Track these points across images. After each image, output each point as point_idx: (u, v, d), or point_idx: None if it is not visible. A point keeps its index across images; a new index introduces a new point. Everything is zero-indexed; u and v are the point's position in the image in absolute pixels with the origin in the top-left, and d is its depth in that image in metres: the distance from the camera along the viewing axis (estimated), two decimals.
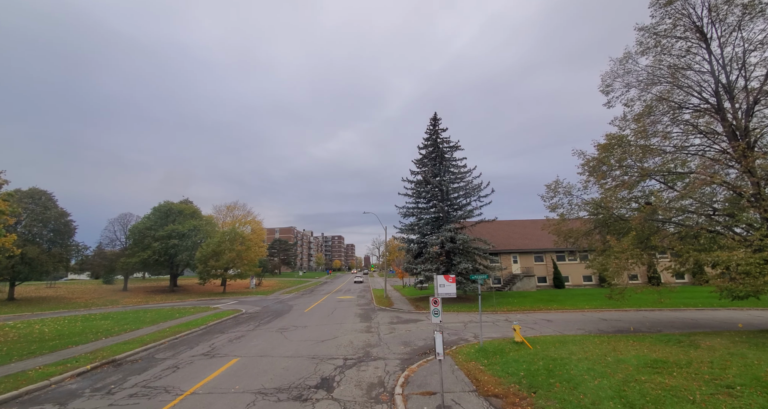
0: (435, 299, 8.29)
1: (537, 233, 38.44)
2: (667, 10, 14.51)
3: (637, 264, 14.78)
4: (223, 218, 57.81)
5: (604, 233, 17.01)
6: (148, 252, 41.34)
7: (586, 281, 37.10)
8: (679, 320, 17.73)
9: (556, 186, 17.76)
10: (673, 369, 8.61)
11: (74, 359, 11.86)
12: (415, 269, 27.03)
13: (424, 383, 8.95)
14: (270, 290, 47.93)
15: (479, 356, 11.00)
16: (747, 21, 13.46)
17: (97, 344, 14.29)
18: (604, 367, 8.91)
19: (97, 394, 8.89)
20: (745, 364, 8.84)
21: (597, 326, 16.63)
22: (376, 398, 8.28)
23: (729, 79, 14.10)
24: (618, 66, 15.97)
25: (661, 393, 7.13)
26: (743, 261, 11.02)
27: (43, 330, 17.49)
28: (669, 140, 15.03)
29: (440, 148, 29.60)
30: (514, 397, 7.71)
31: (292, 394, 8.54)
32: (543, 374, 8.76)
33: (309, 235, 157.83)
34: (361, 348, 13.23)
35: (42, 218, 34.30)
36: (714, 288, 13.11)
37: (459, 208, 28.93)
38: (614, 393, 7.23)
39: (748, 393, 6.97)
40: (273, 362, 11.44)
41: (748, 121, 13.58)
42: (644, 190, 15.95)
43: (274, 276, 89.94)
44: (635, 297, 18.47)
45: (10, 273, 31.83)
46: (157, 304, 32.42)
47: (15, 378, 9.77)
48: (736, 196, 13.37)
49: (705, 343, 11.48)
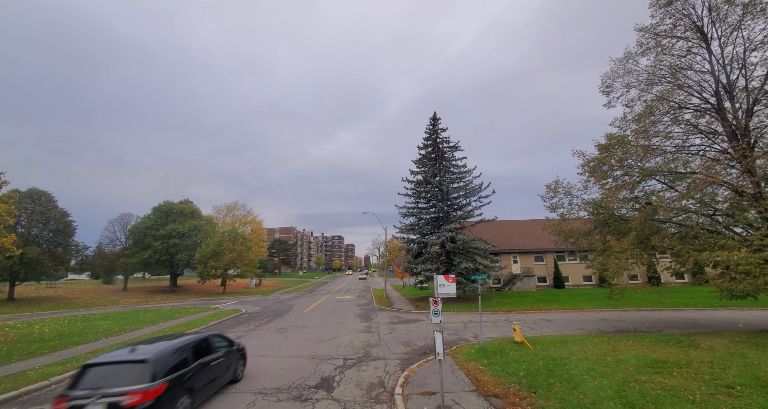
0: (435, 299, 8.29)
1: (537, 233, 38.43)
2: (668, 10, 14.50)
3: (638, 264, 14.78)
4: (223, 218, 57.82)
5: (604, 232, 17.01)
6: (149, 252, 41.35)
7: (586, 281, 37.10)
8: (679, 320, 17.73)
9: (556, 186, 17.76)
10: (673, 369, 8.61)
11: (74, 359, 11.87)
12: (415, 268, 27.02)
13: (424, 383, 8.95)
14: (270, 290, 47.94)
15: (479, 356, 11.00)
16: (748, 20, 13.44)
17: (97, 344, 14.29)
18: (604, 367, 8.91)
19: None
20: (745, 364, 8.85)
21: (597, 326, 16.63)
22: (376, 398, 8.28)
23: (729, 79, 14.09)
24: (618, 66, 15.96)
25: (661, 393, 7.13)
26: (743, 261, 11.02)
27: (43, 330, 17.50)
28: (670, 140, 15.03)
29: (440, 148, 29.58)
30: (514, 397, 7.71)
31: (292, 394, 8.54)
32: (543, 374, 8.76)
33: (309, 235, 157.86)
34: (361, 348, 13.23)
35: (42, 219, 34.31)
36: (714, 288, 13.11)
37: (459, 208, 28.92)
38: (614, 393, 7.23)
39: (748, 393, 6.97)
40: (273, 362, 11.45)
41: (748, 121, 13.57)
42: (645, 191, 15.95)
43: (274, 276, 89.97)
44: (635, 297, 18.46)
45: (9, 273, 31.83)
46: (157, 304, 32.43)
47: (15, 378, 9.78)
48: (736, 196, 13.37)
49: (705, 343, 11.48)
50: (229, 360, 9.01)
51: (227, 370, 8.87)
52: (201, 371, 7.69)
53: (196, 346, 7.99)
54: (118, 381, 6.19)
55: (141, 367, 6.43)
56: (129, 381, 6.18)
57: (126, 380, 6.20)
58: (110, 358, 6.78)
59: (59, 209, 36.42)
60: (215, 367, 8.29)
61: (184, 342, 7.76)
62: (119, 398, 5.90)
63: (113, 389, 6.03)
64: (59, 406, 5.86)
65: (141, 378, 6.24)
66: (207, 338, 8.69)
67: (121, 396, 5.91)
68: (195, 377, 7.42)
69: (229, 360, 9.05)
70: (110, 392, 5.96)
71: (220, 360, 8.58)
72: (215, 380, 8.27)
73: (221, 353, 8.78)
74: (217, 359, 8.43)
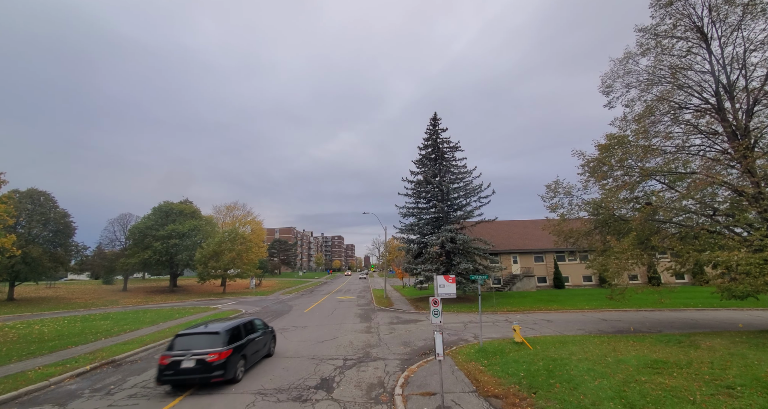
0: (435, 299, 8.27)
1: (537, 233, 38.42)
2: (668, 10, 14.50)
3: (638, 264, 14.77)
4: (223, 218, 57.82)
5: (604, 233, 17.00)
6: (148, 252, 41.31)
7: (586, 281, 37.08)
8: (679, 320, 17.72)
9: (556, 186, 17.74)
10: (674, 370, 8.60)
11: (74, 359, 11.86)
12: (415, 269, 27.01)
13: (424, 384, 8.94)
14: (270, 290, 47.92)
15: (479, 357, 10.99)
16: (748, 21, 13.44)
17: (96, 344, 14.28)
18: (604, 367, 8.90)
19: (96, 394, 8.88)
20: (746, 364, 8.83)
21: (597, 326, 16.62)
22: (375, 398, 8.26)
23: (729, 79, 14.09)
24: (618, 66, 15.96)
25: (662, 394, 7.11)
26: (743, 261, 11.01)
27: (43, 330, 17.48)
28: (670, 140, 15.01)
29: (440, 148, 29.57)
30: (514, 397, 7.69)
31: (292, 394, 8.53)
32: (543, 374, 8.75)
33: (309, 235, 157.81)
34: (361, 348, 13.22)
35: (42, 219, 34.29)
36: (714, 288, 13.11)
37: (459, 208, 28.90)
38: (614, 394, 7.22)
39: (748, 394, 6.96)
40: (272, 362, 11.44)
41: (748, 122, 13.57)
42: (645, 191, 15.94)
43: (274, 276, 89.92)
44: (635, 297, 18.46)
45: (9, 273, 31.81)
46: (156, 304, 32.42)
47: (14, 379, 9.76)
48: (736, 196, 13.37)
49: (705, 343, 11.47)
50: (265, 338, 11.81)
51: (264, 345, 11.63)
52: (249, 343, 10.43)
53: (245, 326, 10.74)
54: (201, 346, 9.04)
55: (215, 337, 9.28)
56: (208, 346, 9.02)
57: (206, 345, 9.04)
58: (193, 330, 9.73)
59: (59, 209, 36.42)
60: (257, 342, 11.04)
61: (237, 322, 10.53)
62: (203, 356, 8.79)
63: (198, 350, 8.89)
64: (164, 360, 8.72)
65: (216, 344, 9.08)
66: (251, 321, 11.48)
67: (204, 355, 8.80)
68: (247, 346, 10.18)
69: (266, 338, 11.87)
70: (197, 352, 8.84)
71: (260, 337, 11.34)
72: (258, 352, 11.01)
73: (260, 333, 11.50)
74: (258, 336, 11.18)
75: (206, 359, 8.71)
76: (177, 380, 8.71)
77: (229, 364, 8.98)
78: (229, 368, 8.98)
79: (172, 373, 8.63)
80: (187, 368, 8.66)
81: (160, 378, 8.67)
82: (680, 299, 23.12)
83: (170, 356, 8.78)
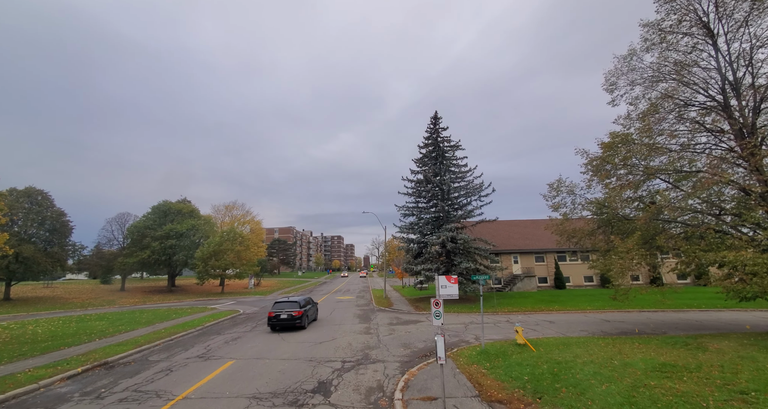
0: (437, 300, 7.99)
1: (538, 233, 38.17)
2: (673, 5, 14.22)
3: (642, 264, 14.50)
4: (222, 217, 57.47)
5: (608, 232, 16.72)
6: (147, 252, 40.95)
7: (588, 281, 36.83)
8: (683, 321, 17.44)
9: (558, 185, 17.47)
10: (683, 373, 8.32)
11: (65, 361, 11.57)
12: (415, 269, 26.72)
13: (425, 388, 8.65)
14: (269, 290, 47.62)
15: (481, 359, 10.70)
16: (755, 16, 13.16)
17: (90, 345, 13.99)
18: (610, 371, 8.62)
19: (86, 398, 8.60)
20: (757, 368, 8.56)
21: (600, 327, 16.34)
22: (375, 403, 7.98)
23: (736, 76, 13.82)
24: (622, 63, 15.67)
25: (673, 399, 6.83)
26: (750, 261, 10.75)
27: (37, 331, 17.19)
28: (675, 139, 14.72)
29: (441, 147, 29.28)
30: (519, 403, 7.41)
31: (288, 399, 8.24)
32: (548, 378, 8.47)
33: (308, 235, 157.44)
34: (360, 350, 12.94)
35: (38, 218, 33.98)
36: (719, 289, 12.82)
37: (460, 207, 28.60)
38: (623, 399, 6.94)
39: (763, 400, 6.68)
40: (269, 364, 11.15)
41: (755, 119, 13.30)
42: (649, 190, 15.67)
43: (273, 276, 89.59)
44: (638, 298, 18.10)
45: (5, 273, 31.50)
46: (154, 304, 32.12)
47: (2, 381, 9.46)
48: (743, 195, 13.10)
49: (713, 345, 11.18)
50: (314, 308, 20.04)
51: (315, 312, 19.98)
52: (308, 309, 18.05)
53: (306, 300, 18.50)
54: (288, 308, 16.86)
55: (295, 304, 17.17)
56: (292, 308, 16.84)
57: (291, 308, 16.85)
58: (284, 299, 17.97)
59: (56, 208, 36.10)
60: (311, 310, 19.03)
61: (305, 298, 18.74)
62: (291, 312, 16.58)
63: (288, 310, 16.73)
64: (271, 314, 16.70)
65: (296, 307, 16.92)
66: (309, 298, 19.56)
67: (291, 311, 16.63)
68: (308, 311, 17.96)
69: (315, 308, 20.17)
70: (287, 311, 16.66)
71: (312, 307, 19.44)
72: (312, 315, 19.16)
73: (312, 305, 19.64)
74: (311, 307, 19.11)
75: (293, 314, 16.52)
76: (277, 323, 16.52)
77: (303, 318, 16.88)
78: (303, 320, 16.89)
79: (276, 320, 16.48)
80: (283, 318, 16.45)
81: (269, 323, 16.56)
82: (683, 300, 22.85)
83: (273, 312, 16.65)
